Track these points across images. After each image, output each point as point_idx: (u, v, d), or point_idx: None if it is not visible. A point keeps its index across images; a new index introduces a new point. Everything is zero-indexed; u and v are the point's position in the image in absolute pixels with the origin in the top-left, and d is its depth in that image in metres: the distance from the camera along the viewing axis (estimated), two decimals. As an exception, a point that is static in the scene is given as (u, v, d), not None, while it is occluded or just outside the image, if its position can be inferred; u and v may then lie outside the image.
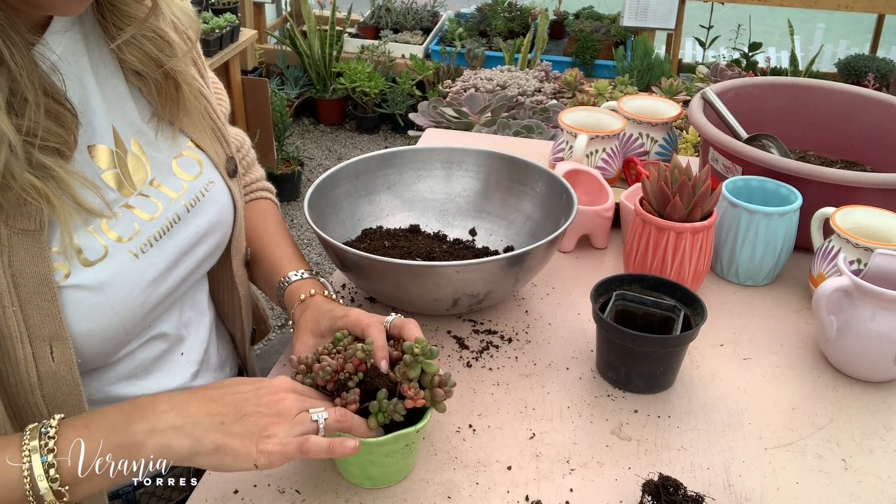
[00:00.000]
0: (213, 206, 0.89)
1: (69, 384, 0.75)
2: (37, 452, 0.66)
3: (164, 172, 0.85)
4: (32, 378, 0.72)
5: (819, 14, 5.14)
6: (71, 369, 0.74)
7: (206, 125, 0.91)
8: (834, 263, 1.03)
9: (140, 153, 0.83)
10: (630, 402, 0.92)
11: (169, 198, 0.84)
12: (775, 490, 0.81)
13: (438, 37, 4.28)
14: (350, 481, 0.81)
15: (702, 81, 3.39)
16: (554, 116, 2.94)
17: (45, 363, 0.72)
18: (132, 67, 0.81)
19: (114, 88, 0.81)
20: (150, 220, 0.82)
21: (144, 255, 0.80)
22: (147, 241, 0.81)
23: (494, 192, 1.21)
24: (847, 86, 1.38)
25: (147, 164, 0.83)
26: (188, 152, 0.89)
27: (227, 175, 0.93)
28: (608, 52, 3.92)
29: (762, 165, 1.14)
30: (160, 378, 0.89)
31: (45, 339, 0.72)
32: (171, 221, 0.84)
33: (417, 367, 0.77)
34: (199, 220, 0.88)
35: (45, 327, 0.72)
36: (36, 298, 0.71)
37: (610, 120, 1.34)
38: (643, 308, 0.96)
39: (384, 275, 0.96)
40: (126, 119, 0.82)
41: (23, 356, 0.71)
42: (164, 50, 0.82)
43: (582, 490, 0.81)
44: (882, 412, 0.92)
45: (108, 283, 0.76)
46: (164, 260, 0.83)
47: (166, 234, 0.83)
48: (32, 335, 0.71)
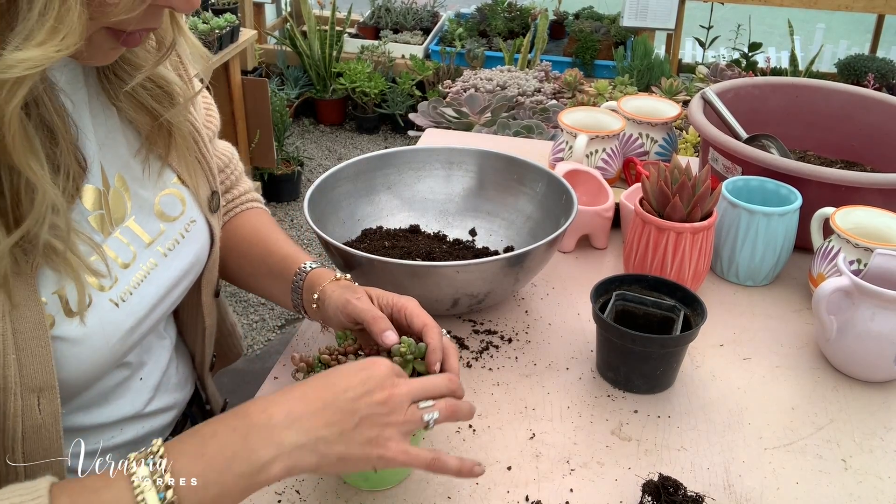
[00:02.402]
0: (192, 248, 0.87)
1: (52, 438, 0.71)
2: (151, 488, 0.59)
3: (145, 213, 0.81)
4: (17, 434, 0.68)
5: (819, 14, 5.14)
6: (56, 422, 0.70)
7: (194, 161, 0.88)
8: (834, 263, 1.03)
9: (123, 189, 0.79)
10: (630, 402, 0.92)
11: (143, 242, 0.81)
12: (775, 490, 0.81)
13: (438, 37, 4.28)
14: (348, 482, 0.81)
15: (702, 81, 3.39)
16: (554, 116, 2.94)
17: (31, 416, 0.68)
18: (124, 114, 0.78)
19: (105, 121, 0.78)
20: (126, 269, 0.78)
21: (125, 303, 0.77)
22: (127, 289, 0.78)
23: (494, 193, 1.21)
24: (847, 86, 1.38)
25: (128, 202, 0.80)
26: (172, 189, 0.85)
27: (210, 211, 0.90)
28: (608, 52, 3.92)
29: (762, 165, 1.14)
30: (118, 405, 0.86)
31: (34, 389, 0.68)
32: (148, 269, 0.81)
33: (409, 367, 0.77)
34: (178, 264, 0.85)
35: (36, 377, 0.68)
36: (31, 345, 0.67)
37: (610, 120, 1.34)
38: (643, 308, 0.96)
39: (384, 275, 0.96)
40: (114, 153, 0.79)
41: (13, 409, 0.67)
42: (162, 101, 0.80)
43: (582, 490, 0.81)
44: (882, 412, 0.92)
45: (90, 334, 0.73)
46: (142, 308, 0.80)
47: (144, 280, 0.80)
48: (25, 386, 0.67)
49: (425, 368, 0.78)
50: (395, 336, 0.78)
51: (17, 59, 0.56)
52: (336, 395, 0.67)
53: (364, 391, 0.68)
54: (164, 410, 0.93)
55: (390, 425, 0.68)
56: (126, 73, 0.76)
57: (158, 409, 0.91)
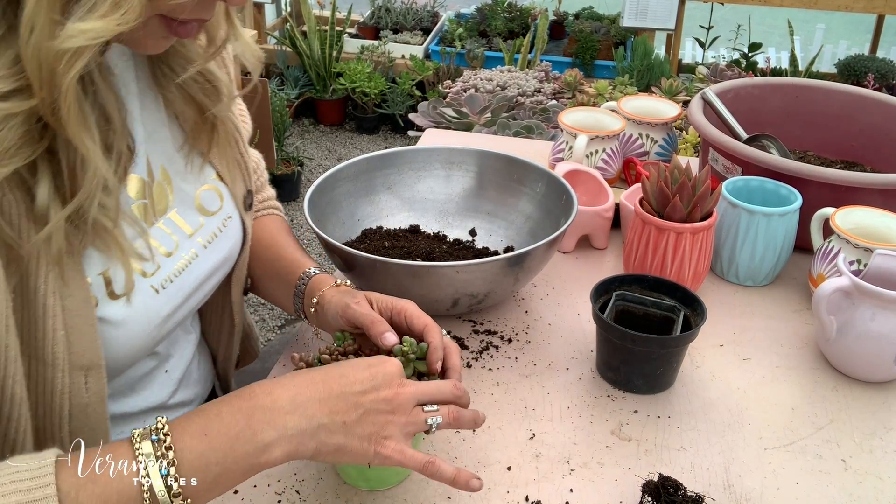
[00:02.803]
0: (227, 243, 0.90)
1: (98, 417, 0.73)
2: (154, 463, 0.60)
3: (186, 206, 0.84)
4: (64, 411, 0.70)
5: (819, 14, 5.14)
6: (102, 401, 0.73)
7: (234, 160, 0.91)
8: (834, 264, 1.03)
9: (166, 182, 0.82)
10: (630, 402, 0.92)
11: (185, 233, 0.84)
12: (775, 490, 0.81)
13: (438, 37, 4.28)
14: (347, 482, 0.81)
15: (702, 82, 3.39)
16: (554, 117, 2.94)
17: (79, 394, 0.70)
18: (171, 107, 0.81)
19: (153, 114, 0.81)
20: (168, 257, 0.81)
21: (165, 290, 0.80)
22: (168, 277, 0.80)
23: (494, 193, 1.21)
24: (847, 86, 1.38)
25: (171, 194, 0.83)
26: (211, 185, 0.88)
27: (244, 208, 0.93)
28: (608, 52, 3.92)
29: (762, 166, 1.14)
30: (143, 395, 0.88)
31: (82, 367, 0.70)
32: (189, 258, 0.84)
33: (410, 366, 0.77)
34: (214, 257, 0.87)
35: (84, 354, 0.70)
36: (78, 322, 0.69)
37: (610, 120, 1.34)
38: (643, 308, 0.96)
39: (384, 275, 0.96)
40: (160, 146, 0.82)
41: (61, 387, 0.69)
42: (210, 95, 0.82)
43: (582, 490, 0.81)
44: (882, 412, 0.92)
45: (130, 318, 0.75)
46: (180, 296, 0.82)
47: (185, 270, 0.83)
48: (73, 364, 0.69)
49: (427, 368, 0.78)
50: (395, 337, 0.79)
51: (79, 29, 0.58)
52: (344, 386, 0.68)
53: (371, 386, 0.68)
54: (185, 404, 0.95)
55: (392, 423, 0.68)
56: (179, 65, 0.79)
57: (181, 402, 0.94)
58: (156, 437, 0.61)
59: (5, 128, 0.61)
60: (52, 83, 0.60)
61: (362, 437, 0.67)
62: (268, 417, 0.64)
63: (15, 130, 0.62)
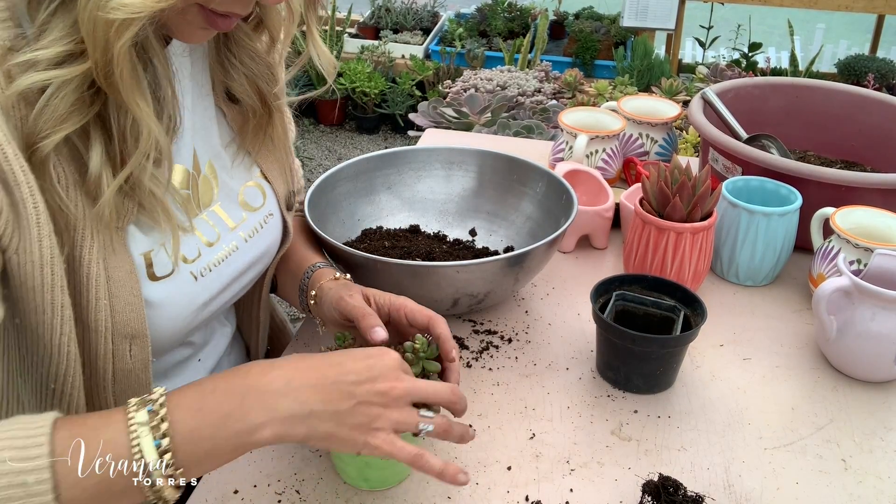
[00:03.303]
0: (266, 239, 0.92)
1: (141, 383, 0.75)
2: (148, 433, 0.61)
3: (230, 200, 0.87)
4: (108, 374, 0.73)
5: (819, 14, 5.14)
6: (146, 368, 0.75)
7: (281, 159, 0.94)
8: (834, 264, 1.03)
9: (212, 176, 0.85)
10: (630, 402, 0.92)
11: (227, 226, 0.86)
12: (775, 490, 0.81)
13: (438, 37, 4.28)
14: (347, 482, 0.81)
15: (702, 82, 3.39)
16: (554, 117, 2.94)
17: (122, 360, 0.73)
18: (233, 93, 0.84)
19: (203, 111, 0.84)
20: (208, 246, 0.83)
21: (203, 278, 0.82)
22: (207, 265, 0.83)
23: (494, 193, 1.21)
24: (847, 86, 1.38)
25: (216, 188, 0.85)
26: (255, 182, 0.91)
27: (286, 208, 0.95)
28: (608, 52, 3.92)
29: (762, 165, 1.14)
30: (176, 382, 0.89)
31: (126, 336, 0.73)
32: (230, 250, 0.86)
33: (419, 364, 0.77)
34: (254, 251, 0.90)
35: (129, 324, 0.73)
36: (124, 293, 0.72)
37: (610, 120, 1.34)
38: (643, 308, 0.96)
39: (384, 275, 0.96)
40: (207, 142, 0.84)
41: (103, 352, 0.72)
42: (273, 86, 0.86)
43: (582, 490, 0.81)
44: (882, 412, 0.92)
45: (168, 301, 0.77)
46: (217, 285, 0.84)
47: (224, 261, 0.85)
48: (116, 332, 0.72)
49: (442, 356, 0.78)
50: (385, 333, 0.79)
51: (121, 2, 0.61)
52: (339, 374, 0.68)
53: (367, 377, 0.68)
54: None
55: (383, 417, 0.68)
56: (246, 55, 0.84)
57: None
58: (151, 408, 0.63)
59: (59, 95, 0.65)
60: (105, 49, 0.63)
61: (352, 427, 0.67)
62: (261, 398, 0.65)
63: (68, 98, 0.65)
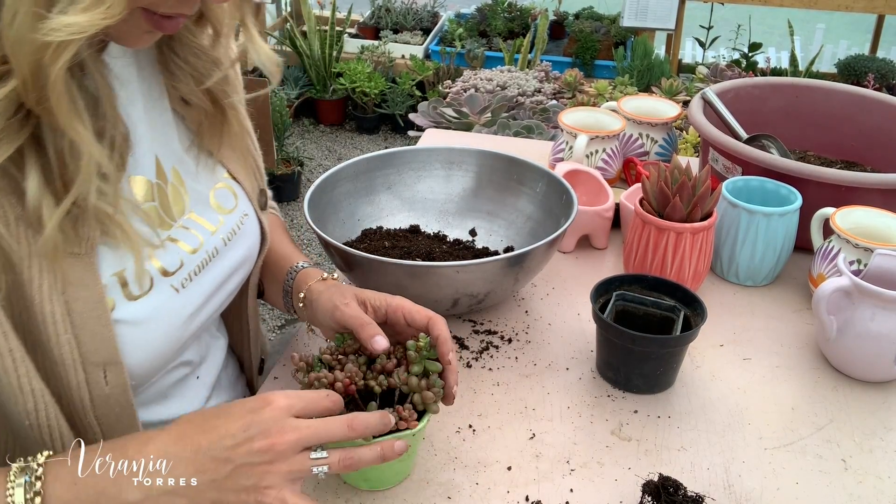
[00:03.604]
0: (245, 241, 0.88)
1: (122, 406, 0.73)
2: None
3: (202, 205, 0.84)
4: (85, 402, 0.70)
5: (819, 14, 5.14)
6: (124, 392, 0.72)
7: (242, 157, 0.90)
8: (834, 264, 1.03)
9: (179, 183, 0.81)
10: (630, 402, 0.92)
11: (208, 231, 0.83)
12: (775, 490, 0.81)
13: (438, 37, 4.28)
14: (347, 482, 0.81)
15: (702, 82, 3.39)
16: (554, 117, 2.94)
17: (98, 387, 0.71)
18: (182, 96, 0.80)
19: (159, 115, 0.80)
20: (192, 254, 0.80)
21: (185, 290, 0.79)
22: (188, 275, 0.79)
23: (494, 193, 1.21)
24: (847, 86, 1.38)
25: (186, 196, 0.82)
26: (224, 184, 0.87)
27: (259, 207, 0.92)
28: (608, 52, 3.92)
29: (762, 166, 1.14)
30: (178, 402, 0.87)
31: (98, 364, 0.70)
32: (210, 255, 0.83)
33: (421, 363, 0.77)
34: (233, 255, 0.86)
35: (98, 353, 0.70)
36: (90, 324, 0.69)
37: (610, 120, 1.34)
38: (643, 308, 0.96)
39: (384, 275, 0.96)
40: (168, 147, 0.80)
41: (76, 382, 0.69)
42: (224, 85, 0.82)
43: (582, 490, 0.81)
44: (882, 412, 0.92)
45: (151, 318, 0.74)
46: (200, 295, 0.81)
47: (204, 268, 0.82)
48: (86, 361, 0.69)
49: (435, 365, 0.78)
50: (386, 342, 0.78)
51: (62, 23, 0.57)
52: (212, 441, 0.65)
53: (244, 438, 0.65)
54: None
55: (271, 473, 0.65)
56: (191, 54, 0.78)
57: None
58: (28, 479, 0.63)
59: None
60: (37, 72, 0.59)
61: (237, 491, 0.65)
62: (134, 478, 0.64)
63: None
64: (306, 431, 0.66)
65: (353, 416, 0.68)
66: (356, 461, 0.68)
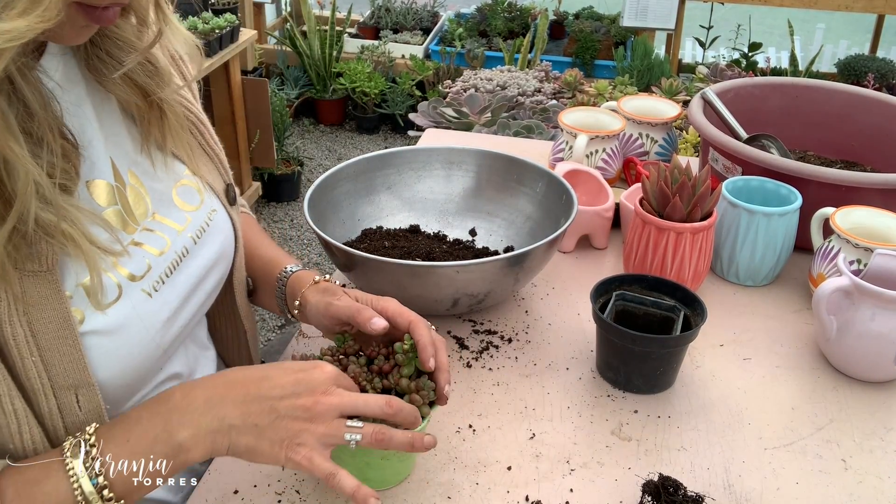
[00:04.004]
0: (217, 237, 0.86)
1: None
2: (84, 476, 0.65)
3: (166, 204, 0.81)
4: (59, 431, 0.69)
5: (819, 14, 5.14)
6: (99, 417, 0.71)
7: (201, 153, 0.88)
8: (834, 263, 1.03)
9: (139, 185, 0.79)
10: (630, 402, 0.92)
11: (174, 230, 0.81)
12: (775, 490, 0.81)
13: (438, 37, 4.28)
14: (350, 481, 0.81)
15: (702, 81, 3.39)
16: (554, 117, 2.94)
17: (71, 414, 0.69)
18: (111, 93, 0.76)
19: (109, 116, 0.77)
20: (160, 256, 0.78)
21: (158, 293, 0.77)
22: (159, 278, 0.77)
23: (494, 193, 1.21)
24: (847, 86, 1.38)
25: (147, 197, 0.79)
26: (186, 181, 0.85)
27: (228, 203, 0.90)
28: (608, 52, 3.91)
29: (762, 165, 1.14)
30: None
31: (69, 387, 0.68)
32: (180, 255, 0.80)
33: (411, 364, 0.77)
34: (206, 252, 0.84)
35: (68, 375, 0.68)
36: (56, 344, 0.67)
37: (610, 120, 1.34)
38: (643, 308, 0.96)
39: (384, 275, 0.96)
40: (121, 149, 0.78)
41: (47, 409, 0.67)
42: (153, 77, 0.78)
43: (582, 490, 0.81)
44: (882, 412, 0.92)
45: (125, 326, 0.73)
46: (175, 297, 0.79)
47: (176, 268, 0.80)
48: (56, 385, 0.67)
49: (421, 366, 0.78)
50: (383, 321, 0.78)
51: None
52: (262, 390, 0.69)
53: (292, 392, 0.69)
54: None
55: (307, 432, 0.68)
56: (117, 48, 0.74)
57: None
58: (84, 449, 0.66)
59: None
60: None
61: (273, 441, 0.68)
62: (183, 418, 0.68)
63: None
64: (347, 399, 0.70)
65: (392, 397, 0.72)
66: (388, 439, 0.70)
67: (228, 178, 0.93)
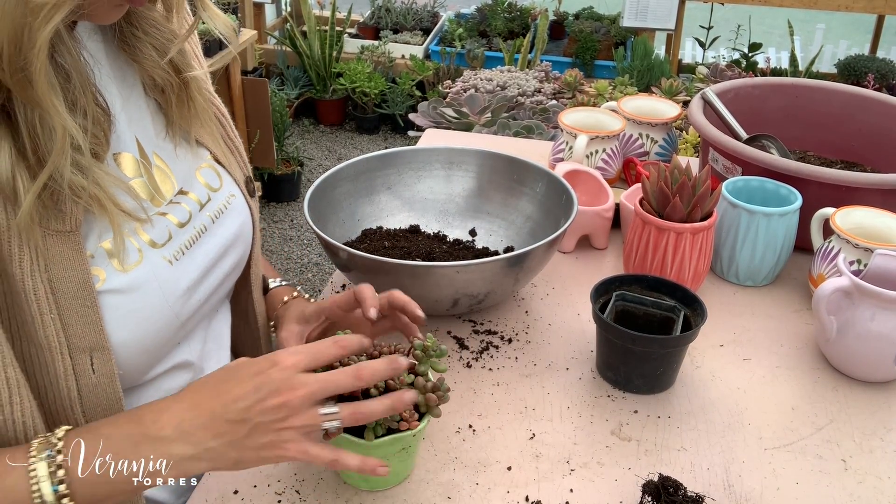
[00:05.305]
0: (235, 219, 0.88)
1: (110, 397, 0.72)
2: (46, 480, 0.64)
3: (190, 181, 0.84)
4: (73, 392, 0.69)
5: (819, 14, 5.14)
6: (112, 381, 0.72)
7: (223, 142, 0.90)
8: (834, 264, 1.03)
9: (164, 166, 0.81)
10: (630, 402, 0.92)
11: (197, 205, 0.83)
12: (775, 490, 0.81)
13: (438, 37, 4.28)
14: (347, 482, 0.81)
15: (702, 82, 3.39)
16: (554, 117, 2.94)
17: (85, 376, 0.70)
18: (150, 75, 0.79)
19: (134, 101, 0.79)
20: (181, 227, 0.80)
21: (178, 262, 0.79)
22: (179, 248, 0.79)
23: (494, 193, 1.21)
24: (847, 86, 1.38)
25: (172, 176, 0.82)
26: (208, 164, 0.87)
27: (248, 193, 0.92)
28: (608, 52, 3.91)
29: (762, 166, 1.14)
30: None
31: (84, 349, 0.69)
32: (199, 231, 0.82)
33: (427, 363, 0.77)
34: (224, 232, 0.86)
35: (85, 337, 0.69)
36: (75, 305, 0.68)
37: (610, 120, 1.34)
38: (643, 308, 0.96)
39: (384, 275, 0.96)
40: (145, 133, 0.80)
41: (62, 369, 0.68)
42: (184, 57, 0.80)
43: (582, 490, 0.81)
44: (882, 412, 0.92)
45: (143, 287, 0.74)
46: (194, 270, 0.81)
47: (195, 243, 0.82)
48: (72, 346, 0.68)
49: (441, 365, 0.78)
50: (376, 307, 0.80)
51: None
52: (226, 404, 0.66)
53: (256, 399, 0.66)
54: None
55: (287, 429, 0.66)
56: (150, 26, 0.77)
57: None
58: (50, 453, 0.65)
59: None
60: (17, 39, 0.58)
61: (257, 449, 0.66)
62: (153, 446, 0.66)
63: None
64: (315, 385, 0.67)
65: (361, 366, 0.68)
66: (367, 413, 0.68)
67: (248, 172, 0.94)
